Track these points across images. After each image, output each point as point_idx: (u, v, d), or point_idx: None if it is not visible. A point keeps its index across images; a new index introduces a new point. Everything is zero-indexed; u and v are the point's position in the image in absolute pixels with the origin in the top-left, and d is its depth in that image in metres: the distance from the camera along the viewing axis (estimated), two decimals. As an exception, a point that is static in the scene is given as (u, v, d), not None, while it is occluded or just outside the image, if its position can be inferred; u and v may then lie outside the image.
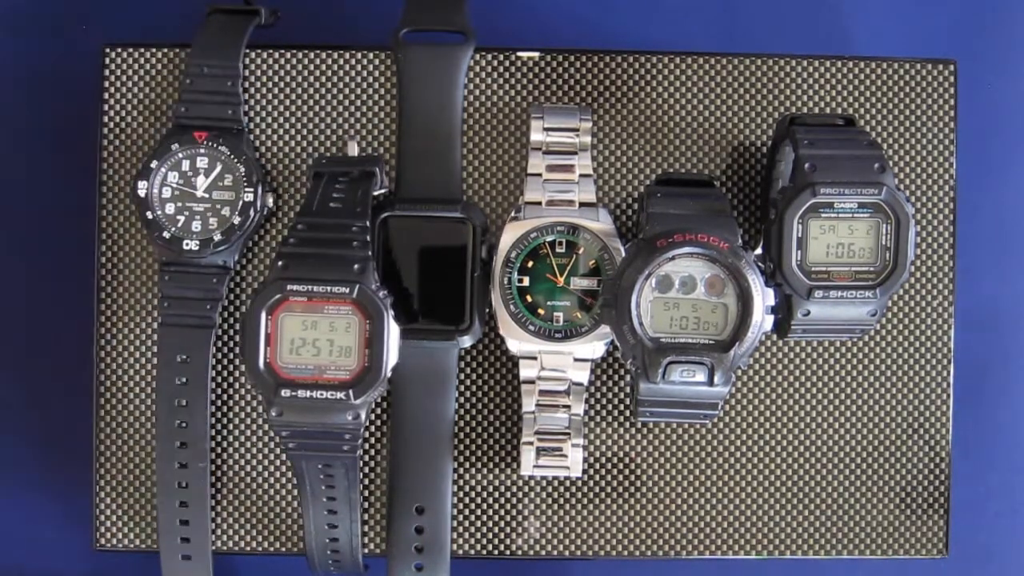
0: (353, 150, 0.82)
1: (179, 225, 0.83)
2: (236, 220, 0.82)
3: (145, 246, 0.87)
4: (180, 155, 0.83)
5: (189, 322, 0.84)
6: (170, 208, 0.83)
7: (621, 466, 0.87)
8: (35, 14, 0.97)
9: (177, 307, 0.83)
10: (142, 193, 0.82)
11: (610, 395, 0.87)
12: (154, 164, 0.83)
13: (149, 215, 0.83)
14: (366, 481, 0.86)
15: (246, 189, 0.83)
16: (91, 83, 0.88)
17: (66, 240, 0.96)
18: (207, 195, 0.83)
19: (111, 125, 0.87)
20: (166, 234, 0.83)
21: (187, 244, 0.82)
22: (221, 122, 0.84)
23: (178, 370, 0.84)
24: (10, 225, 0.97)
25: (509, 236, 0.82)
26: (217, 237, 0.83)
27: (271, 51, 0.87)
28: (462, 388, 0.86)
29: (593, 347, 0.82)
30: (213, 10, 0.85)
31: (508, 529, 0.87)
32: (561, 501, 0.87)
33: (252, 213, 0.83)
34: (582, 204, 0.82)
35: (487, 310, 0.83)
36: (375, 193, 0.80)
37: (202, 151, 0.83)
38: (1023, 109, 0.98)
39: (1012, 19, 0.98)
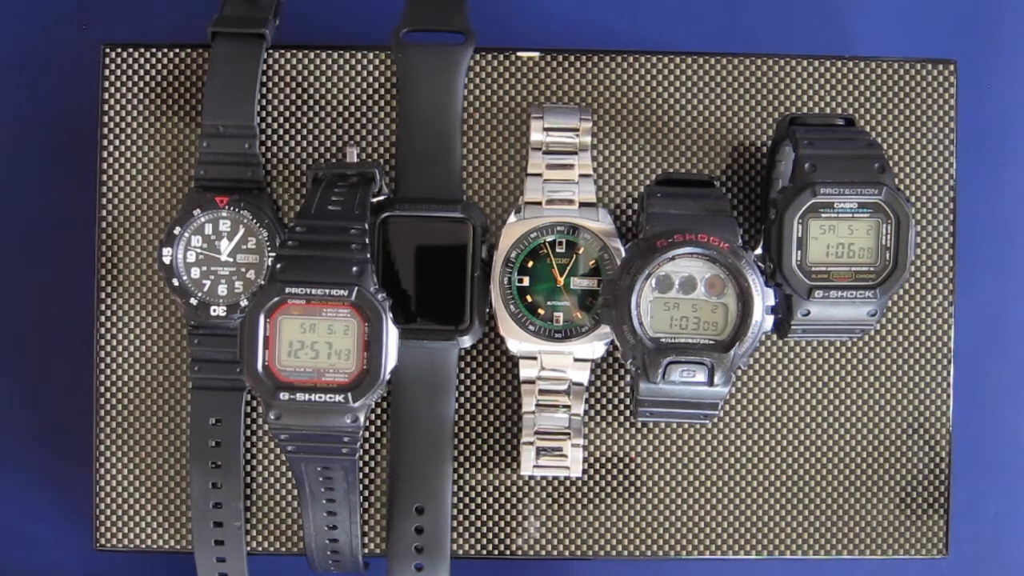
0: (352, 156, 0.82)
1: (205, 290, 0.83)
2: (262, 283, 0.82)
3: (145, 246, 0.87)
4: (203, 219, 0.83)
5: (220, 385, 0.84)
6: (195, 272, 0.83)
7: (621, 466, 0.87)
8: (35, 14, 0.97)
9: (208, 370, 0.84)
10: (167, 260, 0.82)
11: (610, 395, 0.87)
12: (177, 230, 0.83)
13: (175, 282, 0.83)
14: (366, 481, 0.86)
15: (270, 252, 0.83)
16: (91, 83, 0.88)
17: (66, 240, 0.95)
18: (231, 259, 0.83)
19: (111, 125, 0.87)
20: (193, 300, 0.83)
21: (215, 310, 0.83)
22: (241, 183, 0.84)
23: (211, 432, 0.84)
24: (10, 225, 0.97)
25: (509, 236, 0.82)
26: (244, 301, 0.83)
27: (271, 51, 0.87)
28: (462, 388, 0.86)
29: (593, 347, 0.82)
30: (216, 33, 0.84)
31: (508, 529, 0.87)
32: (561, 501, 0.87)
33: None
34: (582, 204, 0.82)
35: (487, 310, 0.83)
36: (374, 200, 0.80)
37: (224, 215, 0.83)
38: (1023, 109, 0.98)
39: (1012, 19, 0.98)
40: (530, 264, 0.82)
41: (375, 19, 0.92)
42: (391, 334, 0.73)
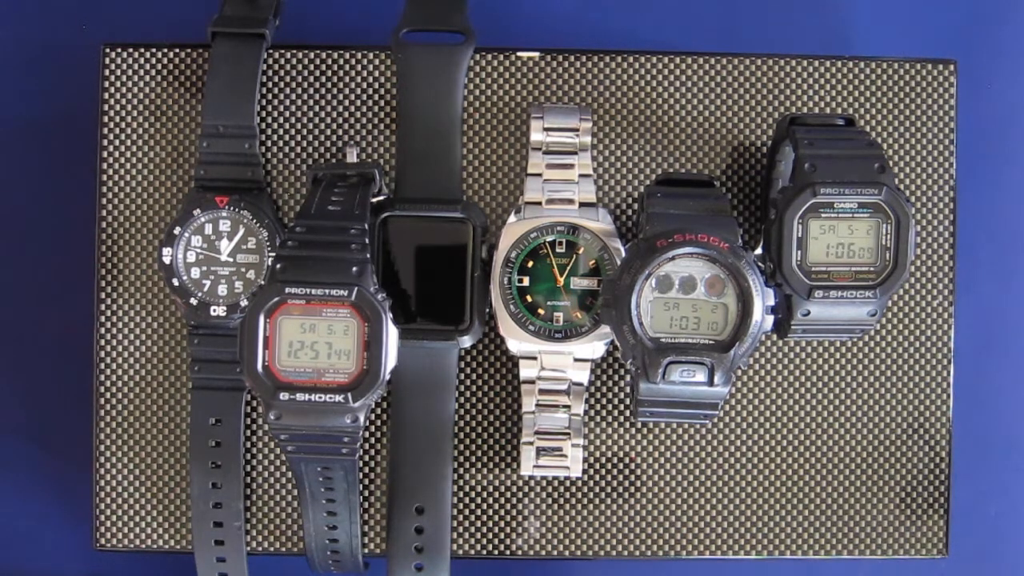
0: (352, 157, 0.82)
1: (205, 290, 0.83)
2: (262, 283, 0.82)
3: (145, 246, 0.87)
4: (203, 219, 0.83)
5: (220, 385, 0.84)
6: (195, 272, 0.83)
7: (621, 466, 0.87)
8: (35, 14, 0.97)
9: (208, 370, 0.84)
10: (167, 260, 0.83)
11: (610, 395, 0.87)
12: (177, 230, 0.83)
13: (175, 282, 0.83)
14: (366, 481, 0.86)
15: (270, 252, 0.83)
16: (91, 83, 0.88)
17: (66, 240, 0.95)
18: (231, 259, 0.83)
19: (111, 125, 0.87)
20: (193, 300, 0.83)
21: (215, 310, 0.83)
22: (241, 183, 0.84)
23: (211, 432, 0.84)
24: (10, 225, 0.97)
25: (509, 236, 0.82)
26: (244, 301, 0.83)
27: (271, 51, 0.87)
28: (462, 388, 0.86)
29: (593, 347, 0.82)
30: (216, 33, 0.84)
31: (508, 529, 0.87)
32: (561, 501, 0.87)
33: None
34: (582, 204, 0.82)
35: (487, 310, 0.83)
36: (374, 200, 0.80)
37: (224, 215, 0.83)
38: (1023, 109, 0.98)
39: (1012, 19, 0.98)
40: (530, 264, 0.82)
41: (375, 19, 0.92)
42: (391, 334, 0.73)
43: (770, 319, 0.75)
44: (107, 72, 0.87)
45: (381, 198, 0.82)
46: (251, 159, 0.83)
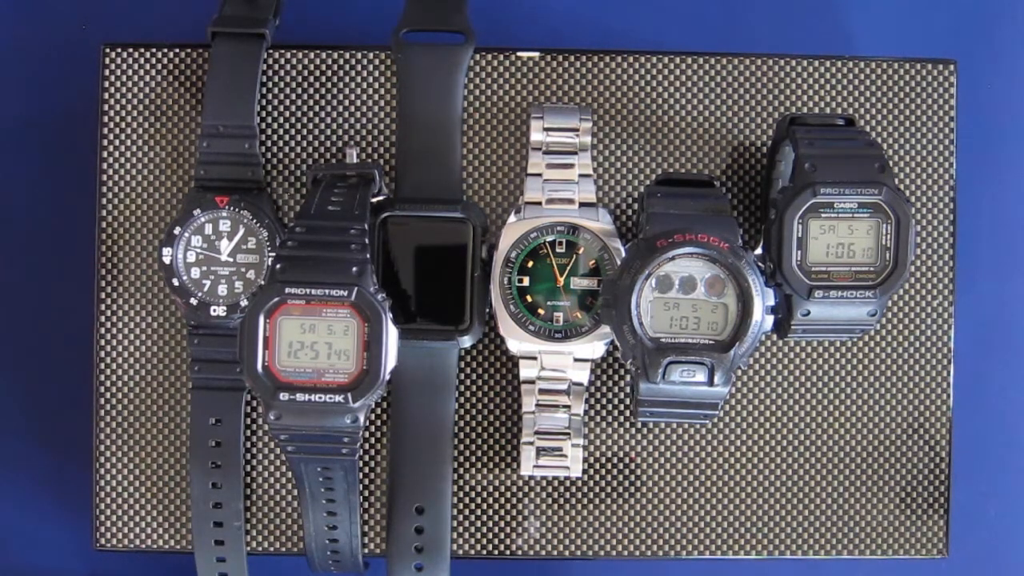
0: (352, 157, 0.82)
1: (205, 290, 0.83)
2: (262, 283, 0.82)
3: (145, 246, 0.87)
4: (203, 219, 0.83)
5: (220, 384, 0.84)
6: (195, 272, 0.83)
7: (621, 466, 0.87)
8: (35, 14, 0.97)
9: (208, 370, 0.84)
10: (167, 260, 0.83)
11: (610, 395, 0.87)
12: (177, 230, 0.83)
13: (175, 282, 0.83)
14: (366, 481, 0.86)
15: (270, 252, 0.83)
16: (91, 83, 0.88)
17: (66, 240, 0.95)
18: (231, 259, 0.83)
19: (111, 125, 0.87)
20: (193, 300, 0.83)
21: (215, 310, 0.83)
22: (241, 183, 0.84)
23: (211, 432, 0.84)
24: (10, 225, 0.97)
25: (509, 236, 0.82)
26: (244, 301, 0.83)
27: (271, 51, 0.87)
28: (462, 388, 0.86)
29: (593, 347, 0.82)
30: (216, 33, 0.84)
31: (508, 529, 0.87)
32: (561, 501, 0.87)
33: None
34: (582, 204, 0.82)
35: (487, 310, 0.83)
36: (374, 200, 0.80)
37: (224, 215, 0.83)
38: (1023, 109, 0.98)
39: (1012, 19, 0.98)
40: (530, 264, 0.82)
41: (375, 19, 0.92)
42: (391, 334, 0.73)
43: (770, 319, 0.75)
44: (107, 72, 0.87)
45: (381, 198, 0.82)
46: (251, 159, 0.83)
